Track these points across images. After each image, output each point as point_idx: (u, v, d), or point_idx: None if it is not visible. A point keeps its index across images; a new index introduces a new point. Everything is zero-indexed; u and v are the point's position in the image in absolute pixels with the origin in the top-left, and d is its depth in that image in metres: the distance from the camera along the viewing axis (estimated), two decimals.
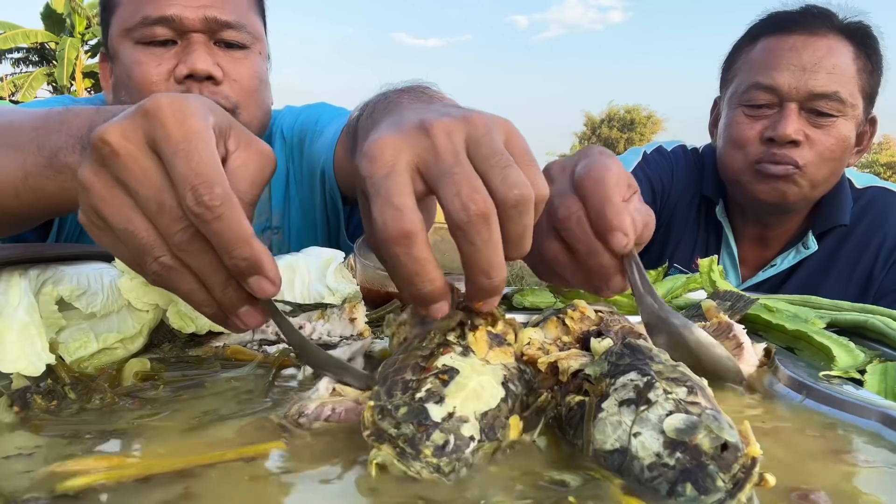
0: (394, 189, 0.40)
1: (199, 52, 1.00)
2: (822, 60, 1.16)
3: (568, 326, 0.51)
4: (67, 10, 25.66)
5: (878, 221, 1.28)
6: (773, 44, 1.22)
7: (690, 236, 1.40)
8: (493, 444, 0.37)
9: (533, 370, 0.46)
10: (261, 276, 0.40)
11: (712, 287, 0.81)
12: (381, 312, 0.74)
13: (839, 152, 1.20)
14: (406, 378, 0.38)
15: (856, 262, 1.27)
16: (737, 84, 1.27)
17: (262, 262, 0.40)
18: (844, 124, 1.19)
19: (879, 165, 38.82)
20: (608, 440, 0.36)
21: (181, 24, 0.99)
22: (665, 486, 0.33)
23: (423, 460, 0.34)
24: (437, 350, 0.41)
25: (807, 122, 1.18)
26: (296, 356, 0.55)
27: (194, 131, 0.40)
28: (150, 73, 1.00)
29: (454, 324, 0.44)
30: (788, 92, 1.17)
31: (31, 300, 0.54)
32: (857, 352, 0.59)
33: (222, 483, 0.35)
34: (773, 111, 1.20)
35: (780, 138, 1.17)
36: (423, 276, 0.40)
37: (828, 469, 0.38)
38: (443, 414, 0.36)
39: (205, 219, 0.38)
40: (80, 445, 0.40)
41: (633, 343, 0.42)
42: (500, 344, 0.44)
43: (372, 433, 0.36)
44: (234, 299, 0.42)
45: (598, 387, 0.39)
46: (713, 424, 0.33)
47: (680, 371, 0.38)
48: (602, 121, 44.64)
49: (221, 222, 0.38)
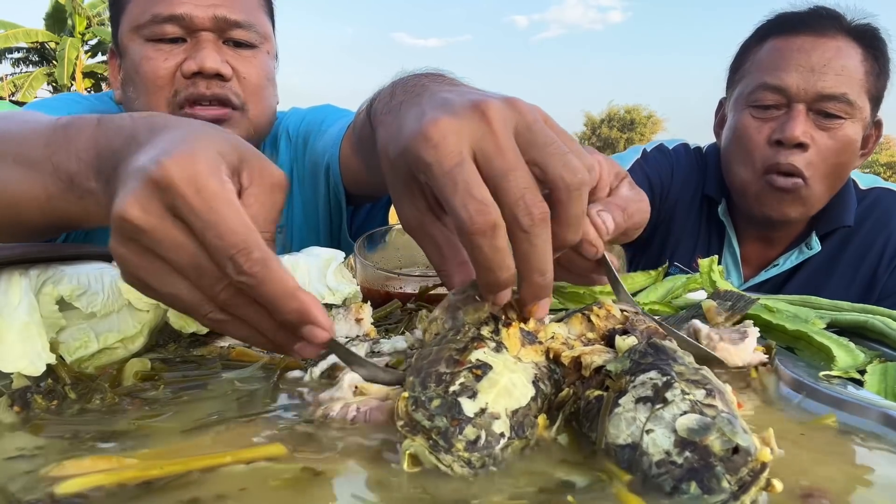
0: (472, 181, 0.41)
1: (209, 49, 1.00)
2: (830, 62, 1.15)
3: (593, 323, 0.51)
4: (70, 10, 25.68)
5: (882, 222, 1.28)
6: (781, 44, 1.21)
7: (691, 235, 1.40)
8: (522, 441, 0.38)
9: (562, 370, 0.47)
10: (312, 325, 0.40)
11: (712, 287, 0.81)
12: (382, 312, 0.74)
13: (845, 156, 1.19)
14: (440, 370, 0.39)
15: (859, 264, 1.27)
16: (744, 85, 1.26)
17: (310, 312, 0.40)
18: (851, 126, 1.18)
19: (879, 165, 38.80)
20: (621, 434, 0.37)
21: (191, 22, 1.00)
22: (670, 483, 0.33)
23: (454, 454, 0.35)
24: (470, 344, 0.41)
25: (814, 124, 1.17)
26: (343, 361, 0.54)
27: (214, 196, 0.39)
28: (158, 69, 1.01)
29: (485, 315, 0.45)
30: (797, 93, 1.17)
31: (31, 300, 0.54)
32: (857, 352, 0.59)
33: (223, 486, 0.35)
34: (781, 112, 1.20)
35: (787, 140, 1.16)
36: (503, 265, 0.42)
37: (828, 469, 0.38)
38: (475, 409, 0.36)
39: (250, 285, 0.39)
40: (80, 446, 0.40)
41: (657, 343, 0.42)
42: (531, 342, 0.45)
43: (406, 424, 0.36)
44: (287, 340, 0.42)
45: (618, 383, 0.40)
46: (726, 428, 0.34)
47: (702, 374, 0.39)
48: (602, 121, 44.65)
49: (266, 286, 0.39)
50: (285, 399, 0.49)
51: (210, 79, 1.01)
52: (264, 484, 0.35)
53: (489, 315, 0.45)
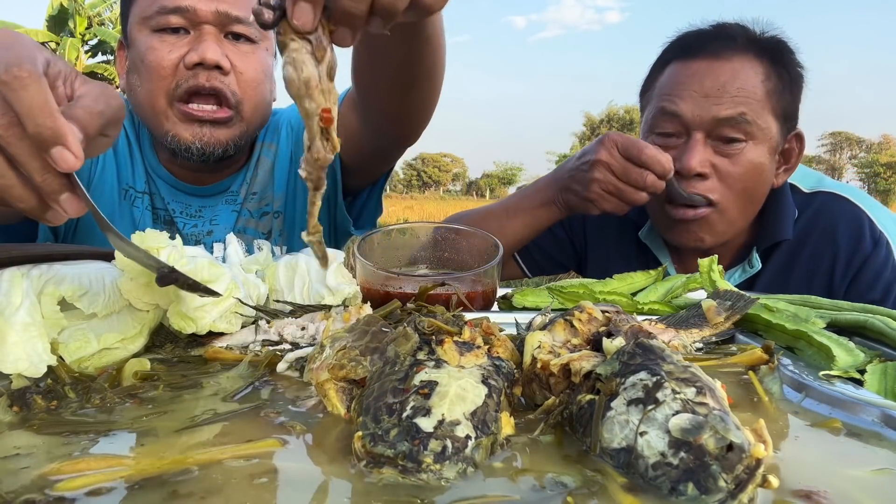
0: None
1: (210, 42, 1.07)
2: (725, 85, 1.12)
3: (576, 328, 0.51)
4: (71, 11, 25.69)
5: (829, 232, 1.20)
6: (679, 70, 1.19)
7: (623, 258, 1.35)
8: (489, 437, 0.38)
9: (509, 362, 0.47)
10: (64, 147, 0.44)
11: (712, 287, 0.81)
12: (381, 312, 0.74)
13: (751, 181, 1.15)
14: (389, 402, 0.39)
15: (811, 278, 1.20)
16: (649, 111, 1.23)
17: (64, 133, 0.44)
18: (754, 149, 1.14)
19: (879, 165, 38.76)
20: (615, 438, 0.37)
21: (195, 14, 1.07)
22: (667, 485, 0.33)
23: (426, 470, 0.35)
24: (410, 371, 0.42)
25: (714, 151, 1.14)
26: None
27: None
28: (163, 59, 1.07)
29: (416, 342, 0.46)
30: (692, 119, 1.13)
31: (32, 301, 0.54)
32: (857, 352, 0.59)
33: (220, 482, 0.35)
34: (682, 140, 1.16)
35: (684, 171, 1.13)
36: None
37: (828, 469, 0.38)
38: (433, 423, 0.37)
39: (12, 87, 0.43)
40: (79, 445, 0.40)
41: (645, 343, 0.42)
42: (469, 350, 0.46)
43: (368, 461, 0.36)
44: (53, 185, 0.46)
45: (609, 386, 0.40)
46: (719, 425, 0.33)
47: (691, 372, 0.39)
48: (601, 121, 44.69)
49: (28, 91, 0.43)
50: (276, 394, 0.50)
51: (210, 70, 1.07)
52: (259, 479, 0.35)
53: (419, 341, 0.46)
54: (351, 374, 0.46)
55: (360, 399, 0.43)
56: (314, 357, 0.49)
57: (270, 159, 1.26)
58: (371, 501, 0.33)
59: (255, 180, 1.25)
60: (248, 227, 1.25)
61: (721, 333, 0.66)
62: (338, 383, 0.46)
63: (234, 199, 1.25)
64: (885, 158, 39.62)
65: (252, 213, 1.26)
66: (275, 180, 1.26)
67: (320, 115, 0.44)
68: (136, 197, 1.20)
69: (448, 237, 0.94)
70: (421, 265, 0.93)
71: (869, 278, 1.17)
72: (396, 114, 1.02)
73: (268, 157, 1.26)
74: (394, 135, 1.10)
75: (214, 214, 1.23)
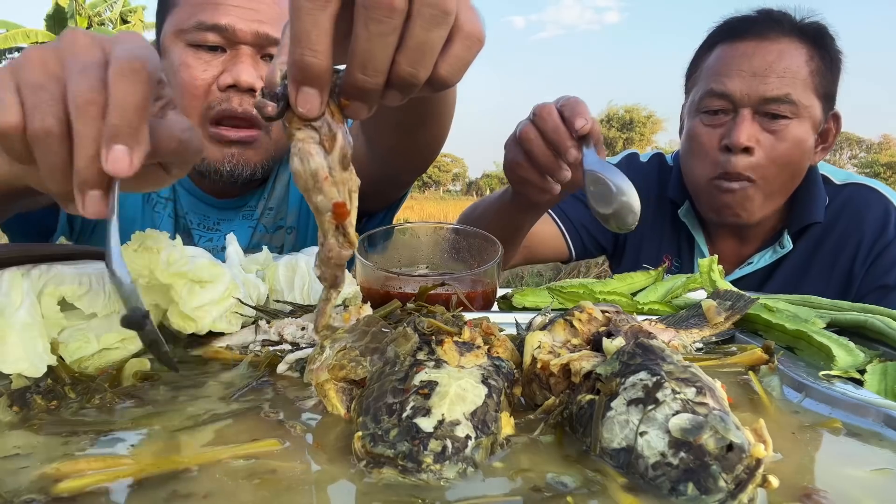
0: None
1: (246, 64, 1.05)
2: (772, 65, 1.20)
3: (576, 328, 0.51)
4: (71, 11, 25.68)
5: (856, 219, 1.28)
6: (726, 51, 1.26)
7: (657, 237, 1.44)
8: (489, 437, 0.38)
9: (509, 362, 0.47)
10: (126, 148, 0.41)
11: (712, 286, 0.81)
12: (382, 312, 0.74)
13: (796, 156, 1.22)
14: (388, 402, 0.39)
15: (835, 261, 1.28)
16: (695, 92, 1.31)
17: (139, 140, 0.42)
18: (798, 126, 1.21)
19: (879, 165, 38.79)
20: (615, 438, 0.37)
21: (233, 34, 1.05)
22: (667, 485, 0.33)
23: (426, 470, 0.35)
24: (410, 371, 0.42)
25: (760, 127, 1.21)
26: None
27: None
28: (196, 78, 1.05)
29: (416, 342, 0.45)
30: (741, 98, 1.21)
31: (32, 301, 0.54)
32: (857, 352, 0.59)
33: (220, 482, 0.35)
34: (729, 118, 1.24)
35: (733, 146, 1.20)
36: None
37: (828, 469, 0.38)
38: (433, 423, 0.37)
39: (122, 73, 0.41)
40: (79, 445, 0.40)
41: (645, 343, 0.42)
42: (469, 350, 0.45)
43: (367, 462, 0.36)
44: (91, 176, 0.43)
45: (609, 386, 0.40)
46: (719, 425, 0.34)
47: (691, 372, 0.39)
48: (601, 121, 44.69)
49: (133, 85, 0.41)
50: (276, 394, 0.50)
51: (243, 93, 1.05)
52: (259, 479, 0.35)
53: (419, 341, 0.46)
54: (351, 374, 0.46)
55: (360, 399, 0.43)
56: (314, 357, 0.49)
57: (288, 174, 1.25)
58: (371, 501, 0.33)
59: (272, 195, 1.24)
60: (263, 241, 1.24)
61: (721, 333, 0.66)
62: (338, 384, 0.46)
63: (252, 213, 1.25)
64: (885, 158, 39.67)
65: (267, 228, 1.25)
66: (289, 195, 1.25)
67: (332, 209, 0.42)
68: (157, 202, 1.20)
69: (448, 237, 0.94)
70: (421, 265, 0.93)
71: (886, 264, 1.24)
72: (404, 152, 0.99)
73: (285, 172, 1.25)
74: (402, 167, 1.07)
75: (231, 229, 1.22)
